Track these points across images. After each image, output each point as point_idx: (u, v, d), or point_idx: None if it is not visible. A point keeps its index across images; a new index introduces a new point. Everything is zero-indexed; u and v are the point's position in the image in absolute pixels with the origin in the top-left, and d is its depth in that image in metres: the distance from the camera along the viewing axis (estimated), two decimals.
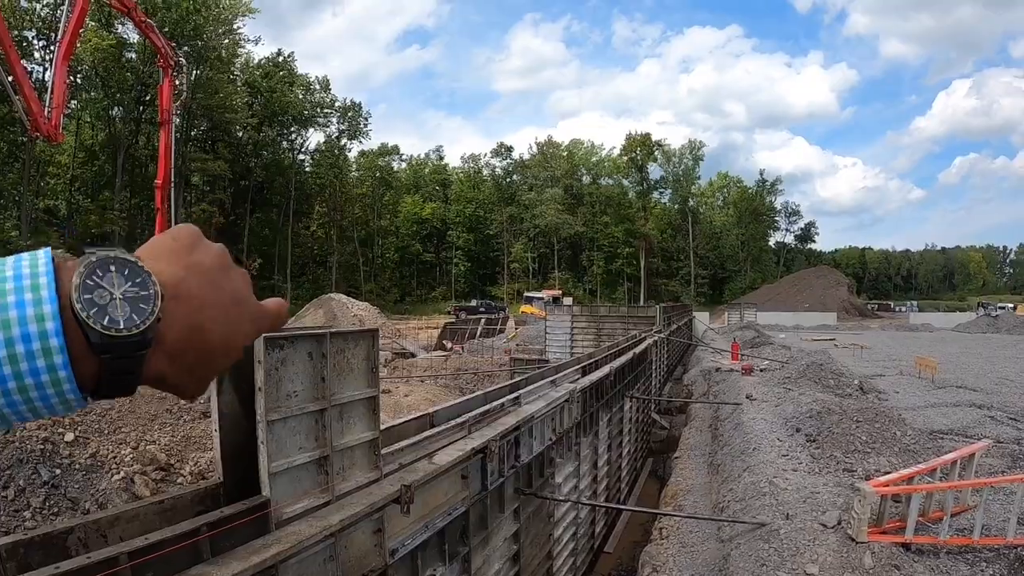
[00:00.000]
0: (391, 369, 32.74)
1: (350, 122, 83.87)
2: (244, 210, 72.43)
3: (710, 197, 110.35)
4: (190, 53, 58.14)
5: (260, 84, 72.70)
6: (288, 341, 5.11)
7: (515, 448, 8.68)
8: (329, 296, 49.99)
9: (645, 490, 16.20)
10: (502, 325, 49.06)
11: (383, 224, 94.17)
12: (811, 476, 8.80)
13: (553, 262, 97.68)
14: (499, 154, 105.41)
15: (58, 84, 23.32)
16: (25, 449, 10.27)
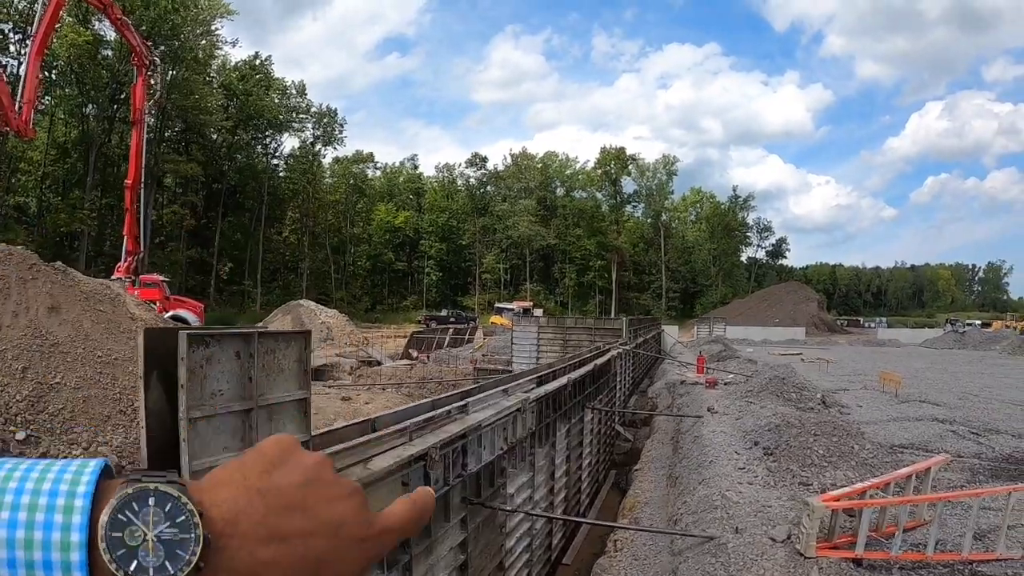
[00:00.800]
0: (356, 377, 32.46)
1: (325, 128, 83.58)
2: (216, 213, 71.54)
3: (683, 212, 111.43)
4: (167, 53, 57.75)
5: (236, 87, 72.21)
6: (214, 339, 4.95)
7: (462, 457, 8.51)
8: (297, 303, 49.59)
9: (607, 502, 16.07)
10: (470, 335, 48.82)
11: (356, 232, 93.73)
12: (765, 490, 8.72)
13: (525, 273, 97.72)
14: (473, 164, 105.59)
15: (30, 79, 23.06)
16: None
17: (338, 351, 40.08)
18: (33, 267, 13.05)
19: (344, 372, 33.79)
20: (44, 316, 12.46)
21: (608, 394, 19.55)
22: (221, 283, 71.50)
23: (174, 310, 33.19)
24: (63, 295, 13.21)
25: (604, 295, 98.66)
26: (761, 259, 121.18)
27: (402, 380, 29.25)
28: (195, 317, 34.25)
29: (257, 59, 76.85)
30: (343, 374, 33.36)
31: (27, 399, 10.90)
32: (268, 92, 75.39)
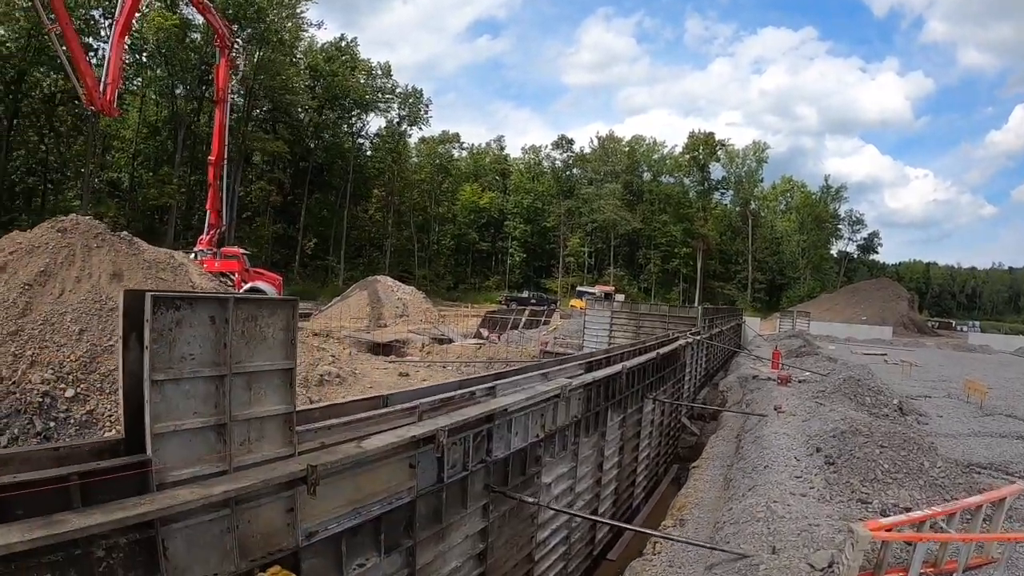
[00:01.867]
0: (425, 353, 32.58)
1: (411, 108, 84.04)
2: (303, 190, 73.34)
3: (772, 201, 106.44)
4: (253, 35, 59.35)
5: (322, 68, 73.24)
6: (186, 302, 4.67)
7: (487, 442, 8.03)
8: (375, 278, 50.17)
9: (664, 496, 15.31)
10: (547, 317, 48.32)
11: (441, 211, 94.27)
12: (818, 504, 7.81)
13: (609, 258, 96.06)
14: (560, 146, 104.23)
15: (113, 61, 23.99)
16: (24, 400, 10.21)
17: (412, 327, 40.27)
18: (99, 236, 13.35)
19: (416, 348, 33.93)
20: (106, 282, 12.72)
21: (675, 385, 18.71)
22: (305, 258, 73.34)
23: (253, 282, 34.04)
24: (126, 263, 13.48)
25: (688, 283, 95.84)
26: (852, 253, 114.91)
27: (470, 359, 29.11)
28: (273, 289, 35.02)
29: (343, 41, 77.84)
30: (414, 350, 33.49)
31: (80, 359, 11.12)
32: (354, 73, 76.20)
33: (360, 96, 76.50)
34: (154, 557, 4.21)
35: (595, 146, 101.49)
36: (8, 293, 10.93)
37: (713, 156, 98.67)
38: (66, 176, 55.76)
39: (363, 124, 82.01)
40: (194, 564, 4.51)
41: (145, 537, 4.18)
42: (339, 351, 23.25)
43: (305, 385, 15.61)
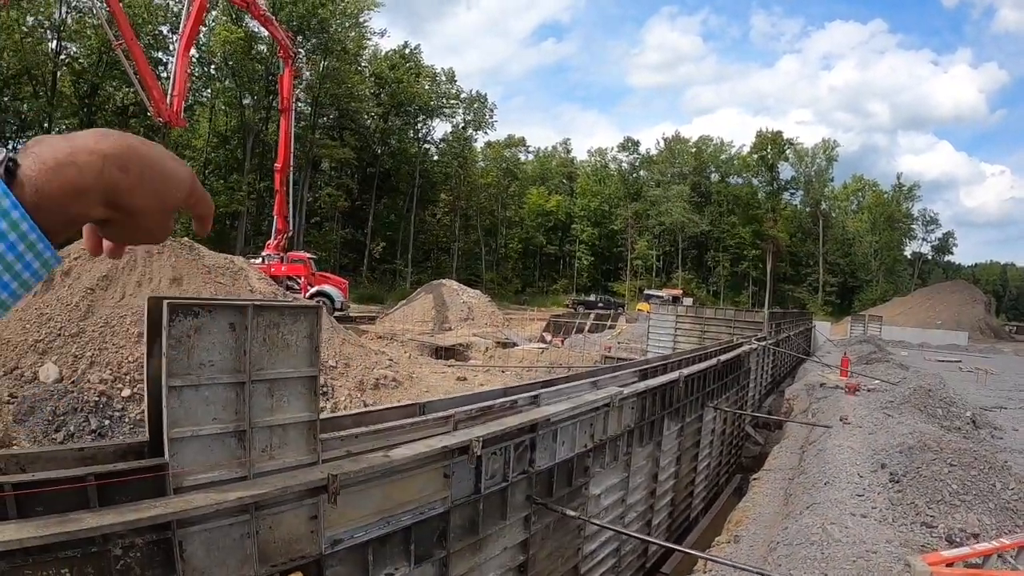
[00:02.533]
0: (487, 357, 32.59)
1: (475, 113, 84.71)
2: (371, 195, 74.72)
3: (844, 201, 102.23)
4: (317, 45, 61.04)
5: (387, 75, 74.53)
6: (205, 309, 4.64)
7: (529, 452, 7.80)
8: (440, 282, 50.54)
9: (724, 509, 14.72)
10: (612, 321, 47.73)
11: (508, 215, 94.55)
12: (879, 527, 7.22)
13: (677, 261, 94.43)
14: (626, 148, 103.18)
15: (179, 74, 24.98)
16: (82, 399, 10.58)
17: (476, 331, 40.38)
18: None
19: (479, 352, 33.98)
20: (166, 286, 13.08)
21: (738, 392, 18.05)
22: (373, 262, 74.59)
23: (319, 285, 34.79)
24: (186, 268, 13.86)
25: (758, 286, 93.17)
26: (926, 254, 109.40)
27: (531, 363, 28.93)
28: (339, 292, 35.72)
29: (407, 48, 79.24)
30: (477, 354, 33.54)
31: (138, 360, 11.45)
32: (418, 79, 77.26)
33: (425, 102, 77.62)
34: (171, 558, 4.24)
35: (661, 147, 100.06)
36: (71, 296, 11.36)
37: (782, 155, 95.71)
38: None
39: (428, 130, 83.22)
40: (213, 567, 4.51)
41: (162, 538, 4.20)
42: (398, 354, 23.41)
43: (361, 388, 15.71)
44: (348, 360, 16.86)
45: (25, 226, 0.73)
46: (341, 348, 17.18)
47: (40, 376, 10.33)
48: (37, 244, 0.75)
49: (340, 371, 16.00)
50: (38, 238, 0.75)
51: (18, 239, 0.73)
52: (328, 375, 15.53)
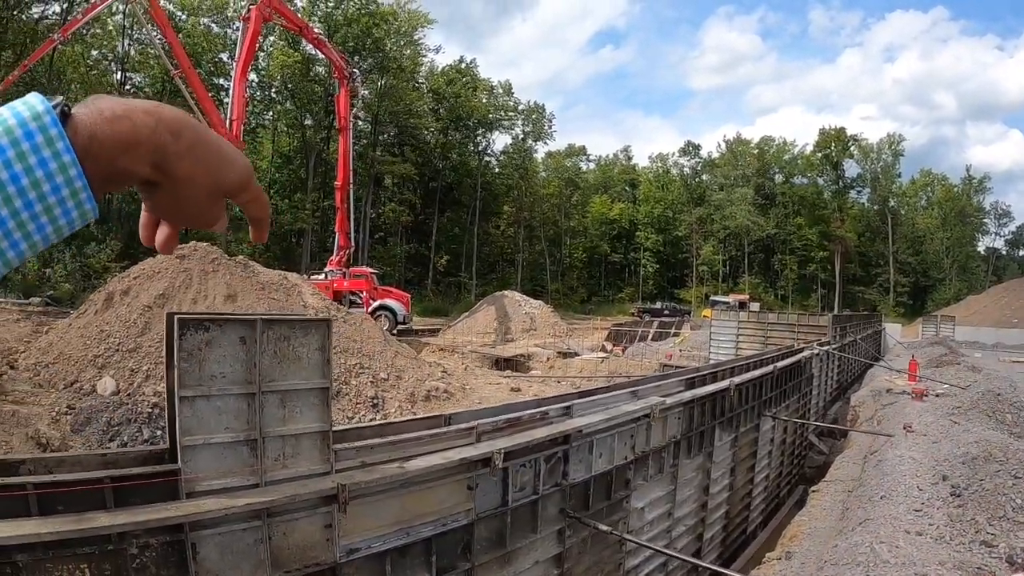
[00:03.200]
0: (547, 368, 32.46)
1: (534, 124, 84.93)
2: (433, 209, 75.75)
3: (912, 197, 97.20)
4: (374, 64, 62.47)
5: (444, 90, 75.71)
6: (215, 324, 4.80)
7: (562, 464, 7.68)
8: (502, 293, 50.72)
9: (784, 522, 14.18)
10: (676, 329, 46.91)
11: (571, 224, 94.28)
12: (935, 546, 6.72)
13: (743, 265, 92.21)
14: (687, 153, 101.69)
15: (237, 99, 26.00)
16: (136, 410, 11.01)
17: (538, 342, 40.30)
18: (215, 260, 14.27)
19: (540, 362, 33.89)
20: (221, 303, 13.51)
21: (800, 400, 17.41)
22: (438, 275, 75.44)
23: (381, 300, 35.37)
24: (240, 285, 14.30)
25: (827, 289, 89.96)
26: (1000, 249, 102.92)
27: (591, 373, 28.66)
28: (401, 306, 36.23)
29: (462, 63, 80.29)
30: (538, 364, 33.46)
31: None
32: (475, 93, 78.21)
33: (483, 115, 78.44)
34: (184, 559, 4.44)
35: (723, 150, 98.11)
36: (130, 314, 11.85)
37: (846, 152, 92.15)
38: None
39: (488, 142, 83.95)
40: (226, 570, 4.66)
41: (175, 540, 4.40)
42: (454, 366, 23.53)
43: (412, 400, 15.84)
44: (400, 372, 17.03)
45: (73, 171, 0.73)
46: (394, 361, 17.37)
47: (98, 389, 10.85)
48: (80, 192, 0.74)
49: (392, 383, 16.18)
50: (83, 186, 0.74)
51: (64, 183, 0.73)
52: (380, 387, 15.73)
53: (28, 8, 44.68)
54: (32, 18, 45.30)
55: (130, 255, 37.32)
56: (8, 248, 0.72)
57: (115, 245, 43.99)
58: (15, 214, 0.70)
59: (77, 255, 39.72)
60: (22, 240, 0.73)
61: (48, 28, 40.41)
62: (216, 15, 58.13)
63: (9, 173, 0.69)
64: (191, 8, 56.99)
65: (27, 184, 0.70)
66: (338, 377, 15.17)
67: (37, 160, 0.70)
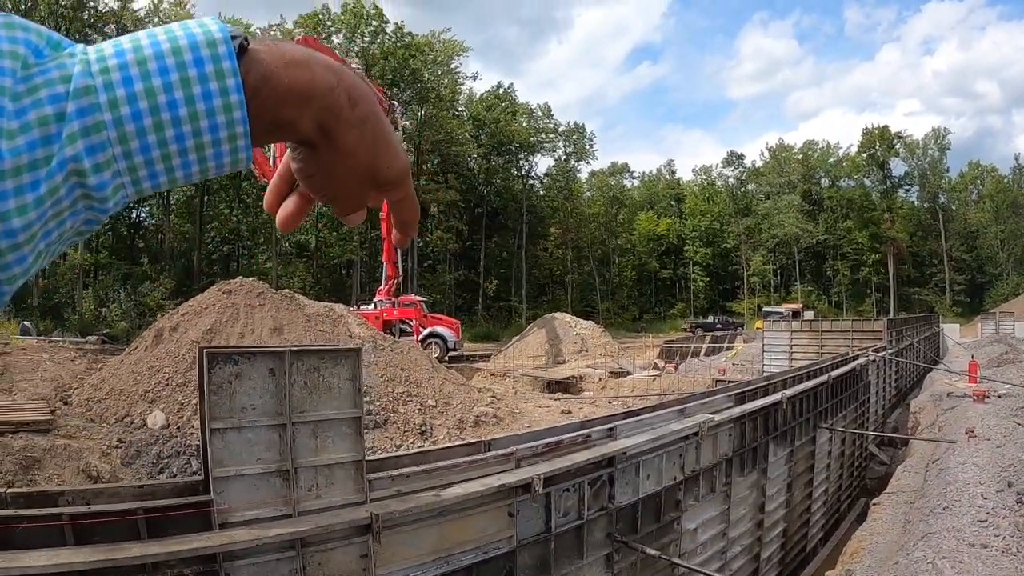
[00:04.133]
0: (599, 388, 32.10)
1: (575, 144, 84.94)
2: (480, 235, 76.19)
3: (962, 191, 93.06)
4: (412, 95, 63.39)
5: (484, 116, 76.63)
6: (244, 356, 4.86)
7: (608, 487, 7.51)
8: (552, 316, 50.42)
9: (846, 537, 13.62)
10: (728, 343, 45.98)
11: (619, 242, 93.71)
12: (1000, 559, 6.32)
13: (795, 274, 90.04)
14: (730, 163, 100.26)
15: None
16: (184, 443, 11.23)
17: (590, 362, 39.91)
18: (260, 295, 14.56)
19: (592, 383, 33.52)
20: (267, 335, 13.74)
21: (857, 409, 16.81)
22: (488, 300, 75.62)
23: (431, 327, 35.58)
24: (286, 318, 14.53)
25: (881, 292, 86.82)
26: None
27: (643, 392, 28.24)
28: (451, 333, 36.37)
29: (500, 88, 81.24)
30: (590, 385, 33.09)
31: None
32: (515, 117, 78.69)
33: (524, 139, 78.82)
34: None
35: (766, 158, 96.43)
36: (179, 350, 12.14)
37: (891, 151, 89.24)
38: (257, 242, 62.87)
39: (531, 165, 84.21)
40: None
41: (209, 570, 4.44)
42: (504, 391, 23.45)
43: (460, 427, 15.80)
44: (448, 399, 17.03)
45: (238, 114, 0.66)
46: (441, 387, 17.39)
47: (148, 423, 11.12)
48: (240, 138, 0.68)
49: (440, 410, 16.19)
50: (244, 132, 0.67)
51: (224, 124, 0.66)
52: (427, 414, 15.75)
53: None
54: None
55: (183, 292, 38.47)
56: (146, 178, 0.65)
57: (168, 283, 45.48)
58: (163, 143, 0.64)
59: (132, 294, 41.11)
60: (163, 173, 0.66)
61: None
62: None
63: (168, 98, 0.63)
64: None
65: (184, 115, 0.63)
66: (385, 405, 15.24)
67: (202, 91, 0.63)
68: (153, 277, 47.19)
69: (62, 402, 13.12)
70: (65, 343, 25.66)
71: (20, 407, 12.68)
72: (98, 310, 41.26)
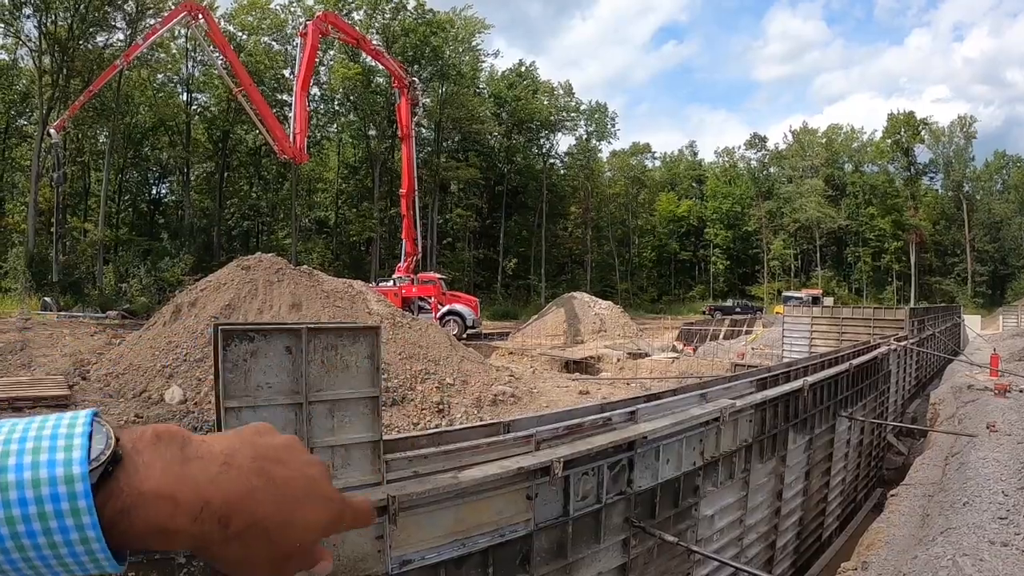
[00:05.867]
0: (618, 369, 32.00)
1: (597, 123, 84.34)
2: (500, 213, 76.15)
3: (987, 181, 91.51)
4: (434, 72, 63.16)
5: (506, 94, 76.36)
6: (260, 334, 4.77)
7: (627, 471, 7.42)
8: (571, 295, 50.31)
9: (861, 527, 13.50)
10: (748, 327, 45.66)
11: (639, 223, 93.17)
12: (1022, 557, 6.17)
13: (815, 259, 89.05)
14: (753, 146, 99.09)
15: (299, 113, 26.69)
16: (202, 418, 11.29)
17: (608, 343, 39.81)
18: (279, 271, 14.56)
19: (610, 363, 33.43)
20: (286, 312, 13.75)
21: (877, 398, 16.57)
22: (507, 278, 75.63)
23: (449, 305, 35.63)
24: (305, 294, 14.53)
25: (902, 280, 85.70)
26: None
27: (661, 374, 28.10)
28: (470, 311, 36.43)
29: (522, 66, 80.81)
30: (608, 365, 33.03)
31: None
32: (536, 95, 78.36)
33: (545, 117, 78.42)
34: None
35: (789, 141, 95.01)
36: (197, 325, 12.17)
37: (916, 137, 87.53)
38: (276, 218, 63.33)
39: (552, 144, 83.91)
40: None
41: None
42: (522, 370, 23.40)
43: (478, 405, 15.79)
44: (467, 377, 17.01)
45: (96, 546, 0.66)
46: (460, 366, 17.36)
47: (166, 398, 11.21)
48: (103, 561, 0.67)
49: (458, 388, 16.17)
50: (106, 557, 0.67)
51: (83, 552, 0.66)
52: (445, 392, 15.74)
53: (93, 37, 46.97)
54: (97, 46, 47.62)
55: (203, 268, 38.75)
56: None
57: (188, 259, 45.90)
58: (28, 560, 0.65)
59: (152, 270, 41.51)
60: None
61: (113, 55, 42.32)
62: (275, 33, 60.02)
63: (27, 528, 0.64)
64: (251, 28, 58.99)
65: (43, 543, 0.64)
66: (404, 383, 15.24)
67: (58, 525, 0.64)
68: (173, 253, 47.64)
69: (80, 377, 13.26)
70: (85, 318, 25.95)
71: (38, 382, 12.82)
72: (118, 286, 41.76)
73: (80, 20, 43.96)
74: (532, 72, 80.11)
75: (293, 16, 59.14)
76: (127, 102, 52.05)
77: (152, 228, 60.38)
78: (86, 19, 44.29)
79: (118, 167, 55.71)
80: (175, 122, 56.53)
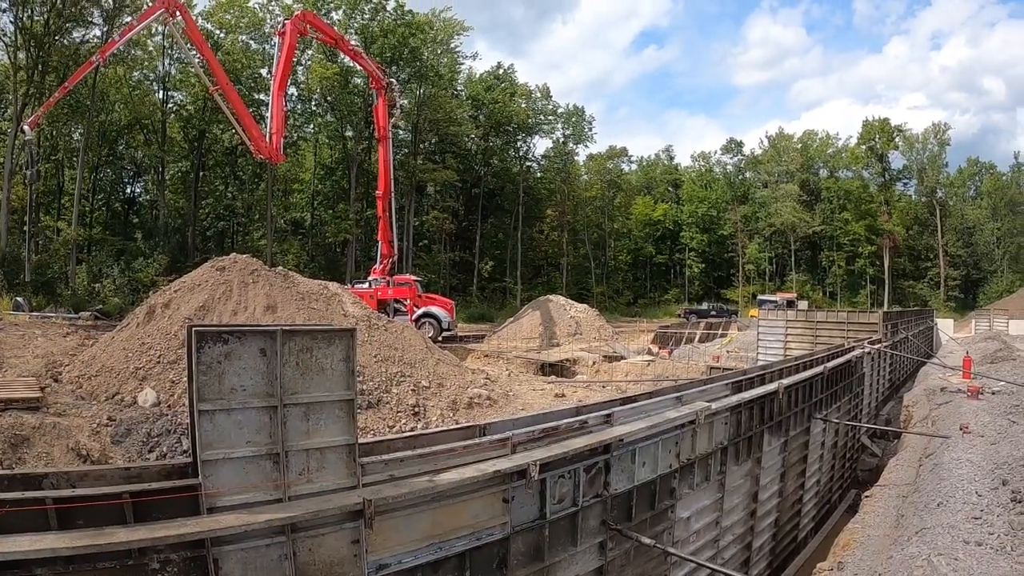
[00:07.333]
0: (593, 372, 32.05)
1: (574, 127, 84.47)
2: (476, 216, 75.99)
3: (960, 187, 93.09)
4: (412, 74, 62.89)
5: (483, 97, 75.97)
6: (234, 336, 4.71)
7: (604, 474, 7.43)
8: (547, 298, 50.26)
9: (836, 528, 13.65)
10: (723, 330, 46.01)
11: (616, 226, 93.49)
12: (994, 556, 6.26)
13: (790, 263, 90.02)
14: (729, 150, 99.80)
15: (275, 113, 26.47)
16: (175, 421, 11.10)
17: (583, 346, 39.84)
18: (254, 272, 14.38)
19: (586, 366, 33.45)
20: (260, 313, 13.58)
21: (851, 401, 16.79)
22: (483, 281, 75.44)
23: (425, 307, 35.46)
24: (280, 295, 14.37)
25: (876, 285, 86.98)
26: None
27: (637, 377, 28.19)
28: (445, 313, 36.29)
29: (500, 69, 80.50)
30: (584, 368, 33.05)
31: None
32: (514, 98, 77.96)
33: (522, 120, 78.19)
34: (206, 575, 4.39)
35: (765, 146, 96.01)
36: (171, 326, 11.98)
37: (891, 144, 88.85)
38: (252, 219, 62.63)
39: (529, 147, 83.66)
40: None
41: (197, 555, 4.35)
42: (498, 372, 23.36)
43: (454, 408, 15.72)
44: (442, 380, 16.93)
45: None
46: (436, 368, 17.28)
47: (139, 400, 11.02)
48: None
49: (433, 391, 16.09)
50: None
51: None
52: (421, 395, 15.66)
53: (69, 33, 46.14)
54: (73, 42, 46.80)
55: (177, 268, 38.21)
56: None
57: (162, 259, 45.22)
58: None
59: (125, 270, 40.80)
60: None
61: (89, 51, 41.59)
62: (253, 31, 59.21)
63: None
64: (229, 26, 58.23)
65: None
66: (379, 386, 15.14)
67: None
68: (147, 253, 46.91)
69: (52, 379, 12.98)
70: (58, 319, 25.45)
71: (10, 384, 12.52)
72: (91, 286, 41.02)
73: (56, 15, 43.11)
74: (510, 75, 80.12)
75: (271, 15, 58.41)
76: (102, 99, 51.18)
77: (126, 227, 59.39)
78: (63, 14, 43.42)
79: (92, 165, 54.73)
80: (151, 120, 55.65)
